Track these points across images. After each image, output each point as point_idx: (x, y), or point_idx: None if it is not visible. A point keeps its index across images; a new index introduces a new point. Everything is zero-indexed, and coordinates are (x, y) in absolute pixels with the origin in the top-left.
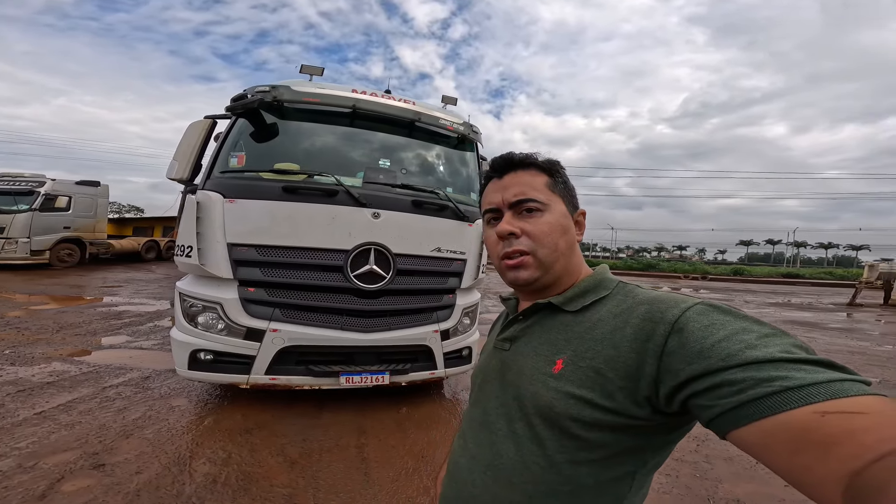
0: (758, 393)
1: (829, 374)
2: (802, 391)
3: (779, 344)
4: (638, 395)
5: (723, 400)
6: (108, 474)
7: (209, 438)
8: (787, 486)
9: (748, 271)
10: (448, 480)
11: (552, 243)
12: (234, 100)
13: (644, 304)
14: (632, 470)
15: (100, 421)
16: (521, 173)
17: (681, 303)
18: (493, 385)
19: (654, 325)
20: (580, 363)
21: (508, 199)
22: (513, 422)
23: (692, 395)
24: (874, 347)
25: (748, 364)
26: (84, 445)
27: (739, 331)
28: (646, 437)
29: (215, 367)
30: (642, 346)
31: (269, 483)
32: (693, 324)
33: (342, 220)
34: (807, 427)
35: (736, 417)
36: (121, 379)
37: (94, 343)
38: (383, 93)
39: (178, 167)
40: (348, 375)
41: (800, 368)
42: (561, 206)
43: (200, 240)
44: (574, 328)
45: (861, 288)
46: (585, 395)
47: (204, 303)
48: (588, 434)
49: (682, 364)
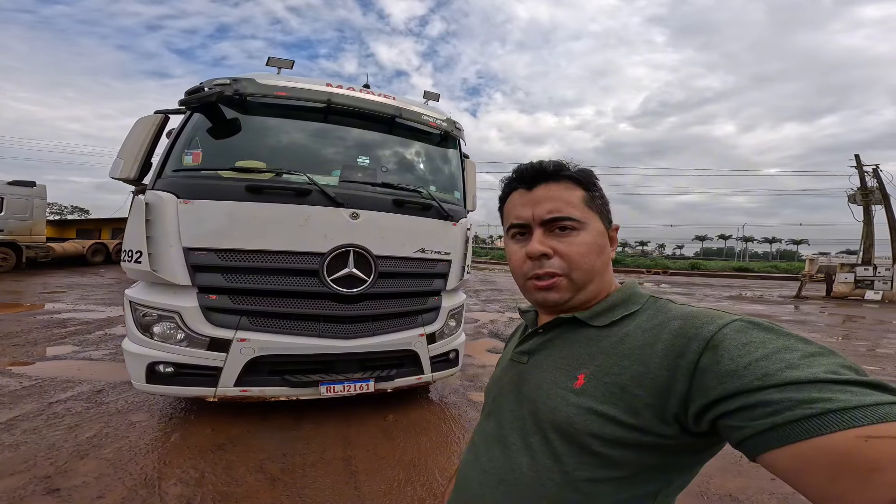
0: (795, 415)
1: (877, 396)
2: (846, 414)
3: (825, 364)
4: (666, 413)
5: (756, 421)
6: (66, 499)
7: (178, 456)
8: (773, 479)
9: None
10: (457, 494)
11: (588, 265)
12: (190, 93)
13: (678, 318)
14: (654, 490)
15: (48, 440)
16: (554, 186)
17: (717, 319)
18: (508, 398)
19: (687, 340)
20: (604, 379)
21: (541, 215)
22: (528, 436)
23: (722, 415)
24: (824, 339)
25: (787, 385)
26: (33, 468)
27: (781, 349)
28: (672, 457)
29: (177, 379)
30: (674, 362)
31: (250, 503)
32: (730, 341)
33: (317, 221)
34: (847, 452)
35: (769, 440)
36: (69, 393)
37: (36, 354)
38: (361, 88)
39: (125, 166)
40: (329, 384)
41: (846, 390)
42: (598, 224)
43: (151, 244)
44: (599, 343)
45: (806, 281)
46: (608, 411)
47: (159, 311)
48: (609, 451)
49: (715, 382)
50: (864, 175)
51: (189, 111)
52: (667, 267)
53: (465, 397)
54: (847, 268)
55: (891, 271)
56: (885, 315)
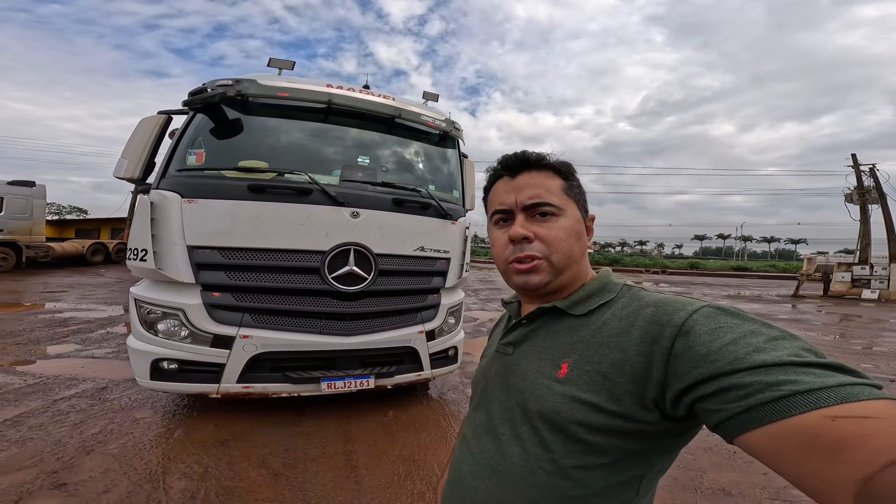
0: (766, 397)
1: (839, 377)
2: (812, 395)
3: (787, 347)
4: (645, 398)
5: (730, 404)
6: (73, 494)
7: (181, 452)
8: (765, 474)
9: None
10: (450, 486)
11: (567, 249)
12: (193, 94)
13: (650, 306)
14: (639, 474)
15: (54, 437)
16: (536, 174)
17: (687, 306)
18: (495, 390)
19: (660, 327)
20: (586, 367)
21: (523, 201)
22: (517, 426)
23: (699, 399)
24: (820, 337)
25: (756, 368)
26: (40, 464)
27: (747, 334)
28: (653, 441)
29: (181, 376)
30: (649, 348)
31: (252, 497)
32: (700, 327)
33: (318, 219)
34: (816, 432)
35: (743, 422)
36: (73, 390)
37: (38, 352)
38: (361, 88)
39: (129, 165)
40: (330, 381)
41: (809, 372)
42: (575, 211)
43: (156, 242)
44: (579, 332)
45: (803, 280)
46: (592, 399)
47: (164, 309)
48: (594, 438)
49: (689, 367)
50: (860, 174)
51: (192, 111)
52: (665, 266)
53: (464, 394)
54: (844, 267)
55: (887, 270)
56: (881, 314)
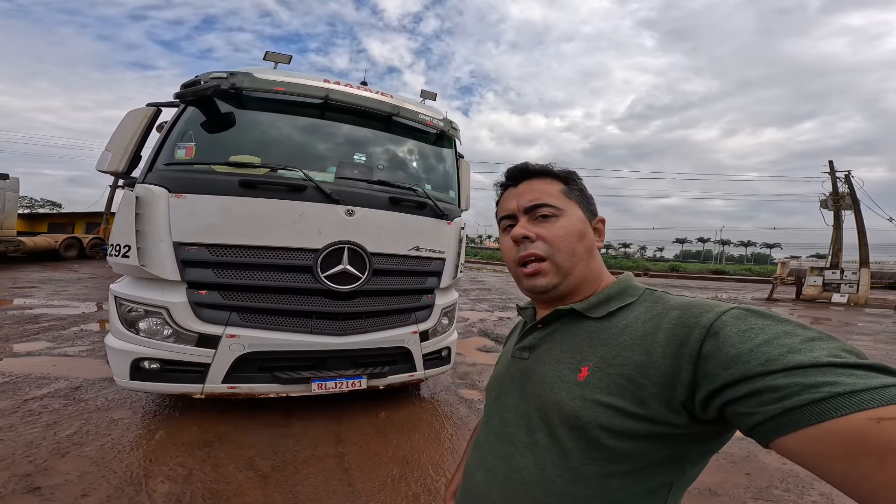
0: (804, 399)
1: (882, 378)
2: (854, 397)
3: (825, 348)
4: (674, 401)
5: (765, 407)
6: (48, 498)
7: (164, 454)
8: (748, 474)
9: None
10: (463, 494)
11: (568, 248)
12: (185, 86)
13: (676, 308)
14: (668, 481)
15: (25, 438)
16: (537, 181)
17: (715, 307)
18: (511, 395)
19: (688, 329)
20: (608, 370)
21: (524, 204)
22: (534, 433)
23: (730, 402)
24: None
25: (792, 369)
26: (11, 466)
27: (781, 335)
28: (683, 447)
29: (163, 376)
30: (677, 350)
31: (241, 500)
32: (729, 328)
33: (311, 217)
34: (861, 435)
35: (780, 425)
36: (45, 390)
37: (7, 350)
38: (359, 84)
39: (113, 158)
40: (321, 381)
41: (850, 374)
42: (577, 212)
43: (140, 238)
44: (599, 334)
45: (777, 284)
46: (615, 402)
47: (146, 307)
48: (618, 444)
49: (719, 369)
50: (836, 181)
51: (183, 104)
52: (647, 268)
53: (457, 394)
54: (816, 271)
55: (857, 275)
56: (850, 317)
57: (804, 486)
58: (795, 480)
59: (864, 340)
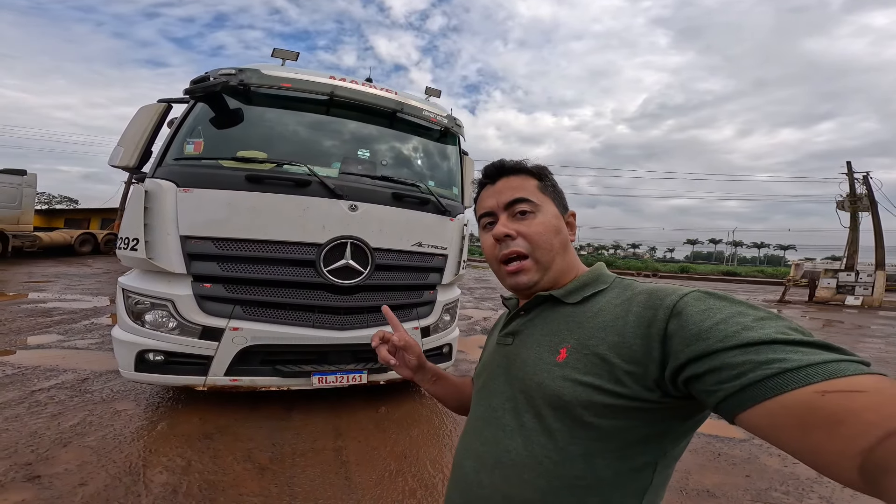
0: (757, 375)
1: (825, 355)
2: (801, 372)
3: (774, 326)
4: (647, 379)
5: (725, 384)
6: (46, 487)
7: (164, 445)
8: (748, 476)
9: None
10: (453, 485)
11: (547, 243)
12: (195, 82)
13: (643, 293)
14: (651, 460)
15: (30, 428)
16: (513, 178)
17: (678, 290)
18: (497, 381)
19: (654, 311)
20: (584, 351)
21: (503, 201)
22: (520, 415)
23: (693, 378)
24: None
25: (746, 345)
26: (13, 455)
27: (735, 314)
28: (662, 425)
29: (167, 368)
30: (645, 331)
31: (237, 492)
32: (690, 308)
33: (315, 212)
34: (809, 407)
35: (740, 401)
36: (52, 382)
37: (19, 343)
38: (364, 81)
39: (125, 154)
40: (321, 375)
41: (797, 350)
42: (552, 208)
43: (148, 232)
44: (576, 318)
45: (790, 286)
46: (593, 381)
47: (152, 299)
48: (601, 421)
49: (682, 346)
50: (854, 182)
51: (193, 100)
52: (657, 270)
53: None
54: (830, 273)
55: (872, 277)
56: (863, 320)
57: (804, 488)
58: (795, 483)
59: (876, 343)
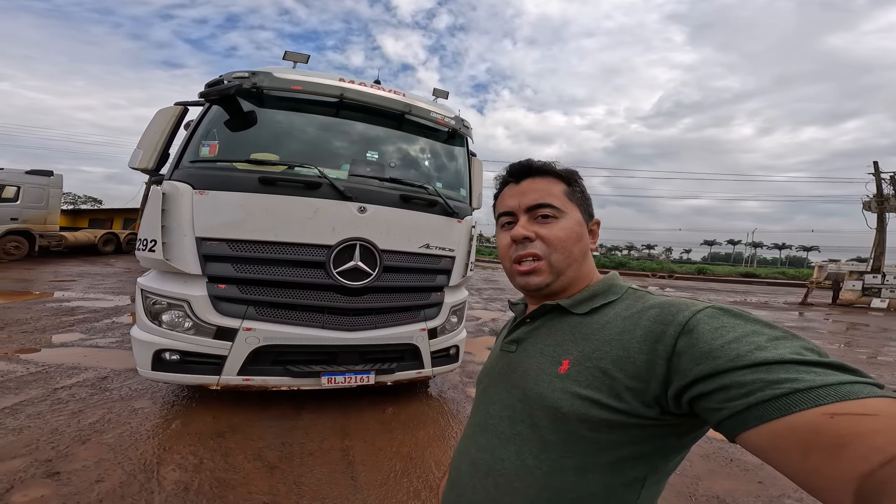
0: (767, 395)
1: (839, 376)
2: (812, 393)
3: (789, 346)
4: (647, 395)
5: (732, 402)
6: (65, 483)
7: (178, 443)
8: (760, 483)
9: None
10: (449, 486)
11: (566, 249)
12: (209, 85)
13: (655, 307)
14: (641, 476)
15: (51, 425)
16: (539, 180)
17: (691, 306)
18: (498, 388)
19: (664, 326)
20: (586, 363)
21: (525, 203)
22: (516, 424)
23: (699, 396)
24: (826, 345)
25: (758, 365)
26: (35, 452)
27: (750, 333)
28: (656, 441)
29: (182, 367)
30: (652, 346)
31: (246, 490)
32: (703, 325)
33: (325, 214)
34: (816, 429)
35: (745, 419)
36: (74, 379)
37: (44, 341)
38: (372, 83)
39: (143, 156)
40: (330, 376)
41: (810, 371)
42: (577, 214)
43: (166, 233)
44: (581, 329)
45: (812, 288)
46: (591, 395)
47: (169, 300)
48: (596, 436)
49: (691, 364)
50: (881, 182)
51: (208, 103)
52: (672, 271)
53: (464, 393)
54: (855, 275)
55: None
56: (889, 323)
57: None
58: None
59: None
